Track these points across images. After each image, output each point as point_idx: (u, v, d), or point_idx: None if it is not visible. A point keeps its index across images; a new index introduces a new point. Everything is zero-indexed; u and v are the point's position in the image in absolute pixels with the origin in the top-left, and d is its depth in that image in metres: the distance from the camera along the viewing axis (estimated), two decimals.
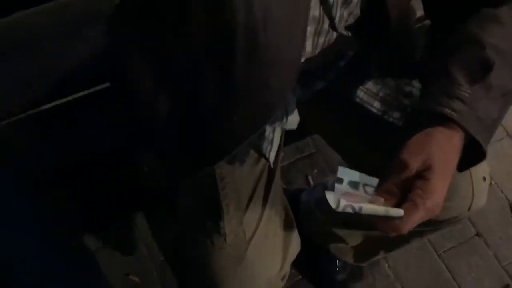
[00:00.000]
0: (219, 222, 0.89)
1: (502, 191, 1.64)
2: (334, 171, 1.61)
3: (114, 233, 1.48)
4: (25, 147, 1.12)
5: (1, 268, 0.90)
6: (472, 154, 0.72)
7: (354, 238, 1.26)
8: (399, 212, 0.65)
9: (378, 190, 0.67)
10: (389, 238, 1.16)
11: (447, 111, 0.69)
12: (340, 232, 1.26)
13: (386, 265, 1.51)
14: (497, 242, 1.56)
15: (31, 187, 1.02)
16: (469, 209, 0.98)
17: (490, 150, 1.56)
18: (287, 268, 0.99)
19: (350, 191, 0.64)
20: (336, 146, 1.13)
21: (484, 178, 0.97)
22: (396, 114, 0.93)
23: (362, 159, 1.04)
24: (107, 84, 1.13)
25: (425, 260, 1.53)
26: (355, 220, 1.20)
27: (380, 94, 0.95)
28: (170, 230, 1.03)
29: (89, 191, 1.22)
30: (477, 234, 1.57)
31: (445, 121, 0.69)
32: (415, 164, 0.67)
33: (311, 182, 1.62)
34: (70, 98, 1.18)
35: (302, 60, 0.81)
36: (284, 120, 0.93)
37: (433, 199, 0.67)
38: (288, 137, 1.12)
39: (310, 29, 0.78)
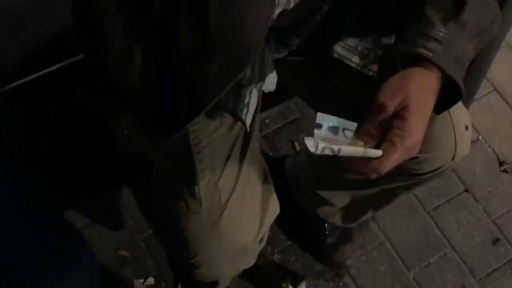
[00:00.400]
0: (194, 186, 0.89)
1: (489, 146, 1.63)
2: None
3: (100, 209, 1.47)
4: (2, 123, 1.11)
5: None
6: (449, 94, 0.72)
7: (340, 199, 1.26)
8: (377, 152, 0.66)
9: (358, 133, 0.67)
10: (376, 196, 1.17)
11: (423, 51, 0.69)
12: (326, 194, 1.26)
13: (376, 225, 1.51)
14: (486, 196, 1.56)
15: (11, 165, 1.01)
16: (452, 159, 0.98)
17: (476, 105, 1.55)
18: (264, 231, 0.99)
19: (330, 136, 0.65)
20: (315, 105, 1.12)
21: (466, 127, 0.97)
22: (375, 67, 0.93)
23: (342, 116, 1.03)
24: (79, 56, 1.12)
25: (414, 218, 1.53)
26: (336, 180, 1.20)
27: (359, 48, 0.94)
28: (149, 199, 1.02)
29: (69, 164, 1.21)
30: (466, 190, 1.57)
31: (421, 61, 0.69)
32: (392, 105, 0.67)
33: (297, 148, 1.61)
34: (44, 71, 1.17)
35: (277, 11, 0.80)
36: (261, 83, 0.92)
37: (411, 138, 0.67)
38: (267, 101, 1.11)
39: None
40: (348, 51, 0.94)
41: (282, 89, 1.11)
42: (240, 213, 0.93)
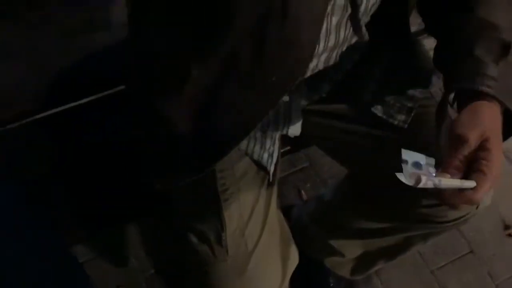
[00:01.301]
0: (221, 233, 0.88)
1: (496, 208, 1.63)
2: (327, 185, 1.61)
3: (104, 244, 1.45)
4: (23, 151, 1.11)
5: None
6: (505, 128, 0.77)
7: (352, 249, 1.25)
8: (472, 183, 0.70)
9: (444, 166, 0.71)
10: (391, 245, 1.16)
11: (484, 88, 0.74)
12: (337, 243, 1.25)
13: (379, 281, 1.50)
14: (491, 259, 1.56)
15: (26, 193, 1.00)
16: (477, 207, 0.99)
17: None
18: (287, 281, 0.97)
19: (416, 171, 0.68)
20: (337, 153, 1.12)
21: None
22: (401, 117, 0.95)
23: (365, 164, 1.04)
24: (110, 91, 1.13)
25: (417, 276, 1.52)
26: (350, 229, 1.19)
27: (385, 98, 0.96)
28: (164, 239, 1.01)
29: (82, 196, 1.19)
30: (471, 251, 1.57)
31: (484, 96, 0.74)
32: (473, 138, 0.71)
33: (304, 196, 1.61)
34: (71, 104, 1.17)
35: (323, 54, 0.85)
36: (287, 126, 0.93)
37: (497, 167, 0.71)
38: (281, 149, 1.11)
39: (335, 19, 0.80)
40: (374, 100, 0.96)
41: (299, 138, 1.12)
42: (265, 263, 0.92)
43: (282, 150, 1.14)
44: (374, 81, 0.96)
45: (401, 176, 0.65)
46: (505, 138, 0.78)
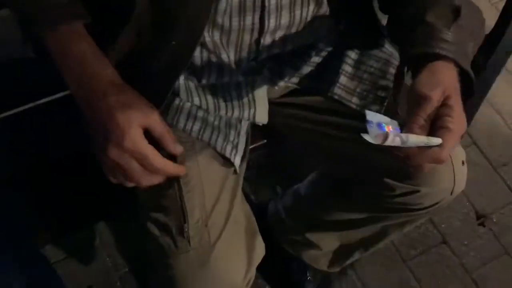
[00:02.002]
0: (183, 224, 0.88)
1: (468, 198, 1.65)
2: (302, 180, 1.61)
3: (76, 243, 1.44)
4: None
5: None
6: (463, 90, 0.78)
7: (328, 241, 1.25)
8: (438, 140, 0.71)
9: (408, 125, 0.72)
10: (367, 236, 1.17)
11: (439, 50, 0.76)
12: (314, 236, 1.25)
13: (354, 274, 1.50)
14: (463, 249, 1.57)
15: None
16: (451, 193, 1.00)
17: None
18: (251, 273, 0.97)
19: (381, 131, 0.67)
20: (312, 145, 1.13)
21: (463, 162, 1.00)
22: (375, 107, 0.96)
23: (340, 155, 1.05)
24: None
25: (392, 268, 1.53)
26: (326, 221, 1.20)
27: (357, 90, 0.97)
28: (132, 235, 1.01)
29: (49, 196, 1.18)
30: (443, 242, 1.58)
31: (440, 59, 0.76)
32: (435, 96, 0.73)
33: (279, 192, 1.61)
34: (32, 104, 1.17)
35: (277, 31, 0.87)
36: (252, 111, 0.93)
37: (461, 124, 0.74)
38: (256, 143, 1.12)
39: None
40: (347, 93, 0.97)
41: (273, 131, 1.13)
42: (228, 254, 0.91)
43: (256, 144, 1.15)
44: (344, 75, 0.97)
45: (366, 136, 0.65)
46: (464, 101, 0.79)
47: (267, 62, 0.95)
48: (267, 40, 0.88)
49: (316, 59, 0.97)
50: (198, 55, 0.89)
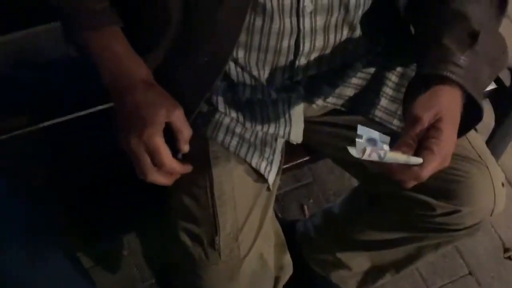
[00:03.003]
0: (215, 237, 0.89)
1: (495, 230, 1.63)
2: (330, 201, 1.62)
3: (104, 252, 1.47)
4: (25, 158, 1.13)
5: None
6: (468, 118, 0.81)
7: (359, 262, 1.24)
8: (418, 159, 0.73)
9: (397, 144, 0.74)
10: (400, 257, 1.16)
11: (446, 73, 0.78)
12: (344, 256, 1.24)
13: None
14: (489, 281, 1.55)
15: (26, 197, 1.02)
16: (491, 214, 1.00)
17: None
18: None
19: (370, 147, 0.70)
20: (348, 164, 1.13)
21: (503, 184, 1.01)
22: (397, 123, 0.98)
23: (380, 174, 1.05)
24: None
25: None
26: (359, 241, 1.19)
27: (398, 112, 0.99)
28: (161, 244, 1.02)
29: (81, 205, 1.21)
30: (470, 273, 1.57)
31: (446, 82, 0.78)
32: (427, 118, 0.75)
33: (306, 212, 1.62)
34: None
35: (312, 54, 0.90)
36: (288, 129, 0.95)
37: (447, 147, 0.75)
38: (288, 164, 1.13)
39: (320, 19, 0.85)
40: (388, 115, 0.99)
41: (309, 150, 1.14)
42: (257, 269, 0.93)
43: (289, 164, 1.16)
44: (385, 97, 0.99)
45: (351, 149, 0.67)
46: (470, 127, 0.82)
47: (303, 81, 0.97)
48: (302, 61, 0.92)
49: (355, 81, 0.99)
50: (234, 70, 0.92)
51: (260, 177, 0.95)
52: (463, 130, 0.82)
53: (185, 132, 0.82)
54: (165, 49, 0.88)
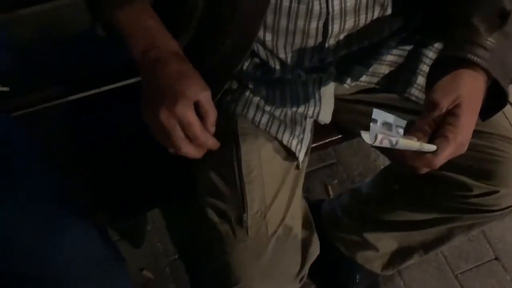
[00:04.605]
0: (243, 214, 0.89)
1: None
2: (355, 182, 1.61)
3: (129, 227, 1.48)
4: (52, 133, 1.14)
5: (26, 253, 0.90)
6: (495, 102, 0.78)
7: (387, 242, 1.23)
8: (432, 147, 0.70)
9: (411, 129, 0.71)
10: (429, 238, 1.14)
11: (471, 56, 0.74)
12: (372, 237, 1.23)
13: (402, 281, 1.49)
14: None
15: (57, 171, 1.02)
16: None
17: None
18: (305, 270, 0.98)
19: (384, 131, 0.68)
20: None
21: None
22: None
23: None
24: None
25: (441, 279, 1.51)
26: (389, 221, 1.17)
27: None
28: (188, 220, 1.02)
29: (106, 180, 1.22)
30: (496, 258, 1.55)
31: (469, 65, 0.74)
32: (445, 103, 0.72)
33: (331, 192, 1.61)
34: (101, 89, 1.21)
35: (341, 34, 0.88)
36: (317, 109, 0.93)
37: (463, 134, 0.72)
38: (317, 142, 1.12)
39: (350, 2, 0.83)
40: (424, 93, 0.95)
41: (339, 129, 1.12)
42: (284, 248, 0.92)
43: (319, 143, 1.14)
44: (422, 74, 0.96)
45: (364, 135, 0.65)
46: (493, 112, 0.79)
47: (334, 61, 0.95)
48: (331, 43, 0.89)
49: (390, 58, 0.96)
50: (263, 52, 0.91)
51: (289, 156, 0.94)
52: (488, 114, 0.79)
53: (212, 113, 0.79)
54: (192, 31, 0.86)
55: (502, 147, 0.92)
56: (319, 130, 1.03)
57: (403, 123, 0.70)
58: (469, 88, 0.73)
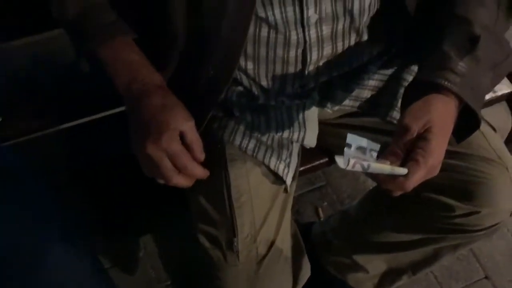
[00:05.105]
0: (233, 238, 0.90)
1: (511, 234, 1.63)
2: (344, 204, 1.62)
3: (121, 253, 1.48)
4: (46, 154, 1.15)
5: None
6: (467, 124, 0.80)
7: (376, 264, 1.24)
8: (403, 170, 0.73)
9: (384, 152, 0.74)
10: (417, 259, 1.15)
11: (442, 81, 0.77)
12: (361, 259, 1.24)
13: None
14: (505, 285, 1.54)
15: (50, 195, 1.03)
16: (511, 215, 0.99)
17: None
18: None
19: (358, 155, 0.70)
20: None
21: None
22: None
23: None
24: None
25: None
26: (376, 243, 1.18)
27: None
28: (179, 246, 1.03)
29: (98, 205, 1.23)
30: (486, 277, 1.56)
31: (441, 90, 0.77)
32: (416, 128, 0.74)
33: (321, 215, 1.62)
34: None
35: (321, 61, 0.90)
36: (302, 134, 0.95)
37: (434, 158, 0.74)
38: (305, 166, 1.14)
39: (326, 28, 0.85)
40: None
41: (326, 153, 1.14)
42: (275, 271, 0.93)
43: (306, 167, 1.16)
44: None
45: (338, 159, 0.68)
46: (467, 134, 0.81)
47: (316, 87, 0.98)
48: (311, 70, 0.92)
49: (372, 83, 0.99)
50: (245, 80, 0.93)
51: (277, 179, 0.96)
52: (462, 136, 0.82)
53: (197, 142, 0.82)
54: (175, 63, 0.89)
55: (483, 168, 0.94)
56: (307, 153, 1.05)
57: (377, 146, 0.73)
58: (440, 113, 0.76)
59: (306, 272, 1.00)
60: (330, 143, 1.08)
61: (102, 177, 1.23)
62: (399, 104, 0.97)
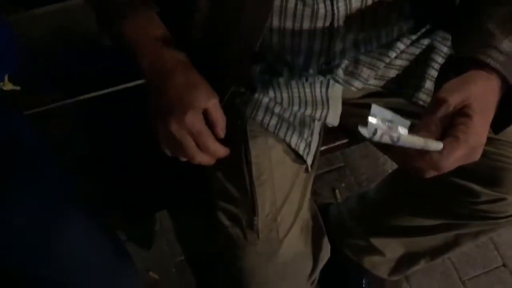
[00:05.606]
0: (253, 217, 0.89)
1: None
2: (362, 186, 1.61)
3: (137, 227, 1.48)
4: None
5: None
6: (508, 112, 0.72)
7: (394, 248, 1.22)
8: (439, 145, 0.63)
9: (416, 127, 0.65)
10: (437, 244, 1.13)
11: (483, 57, 0.70)
12: (379, 242, 1.22)
13: (409, 287, 1.48)
14: None
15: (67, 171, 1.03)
16: None
17: None
18: (316, 273, 0.98)
19: (385, 127, 0.60)
20: (391, 151, 1.10)
21: None
22: None
23: None
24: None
25: (448, 285, 1.50)
26: (394, 226, 1.16)
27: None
28: (197, 223, 1.02)
29: (116, 182, 1.22)
30: (504, 265, 1.54)
31: (482, 67, 0.70)
32: (453, 101, 0.66)
33: (338, 196, 1.61)
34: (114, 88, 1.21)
35: (348, 35, 0.87)
36: (325, 112, 0.93)
37: (476, 136, 0.66)
38: (325, 146, 1.12)
39: (355, 3, 0.83)
40: None
41: (347, 133, 1.12)
42: (296, 251, 0.92)
43: (327, 147, 1.14)
44: (430, 79, 0.95)
45: (362, 129, 0.58)
46: (508, 123, 0.74)
47: (342, 64, 0.95)
48: (338, 45, 0.89)
49: (399, 62, 0.96)
50: (270, 55, 0.91)
51: (299, 158, 0.94)
52: (501, 125, 0.74)
53: (221, 120, 0.80)
54: (198, 37, 0.87)
55: (511, 154, 0.92)
56: (327, 133, 1.04)
57: (406, 123, 0.62)
58: (481, 90, 0.68)
59: (326, 252, 0.99)
60: (352, 123, 1.06)
61: (121, 151, 1.23)
62: (425, 85, 0.95)
